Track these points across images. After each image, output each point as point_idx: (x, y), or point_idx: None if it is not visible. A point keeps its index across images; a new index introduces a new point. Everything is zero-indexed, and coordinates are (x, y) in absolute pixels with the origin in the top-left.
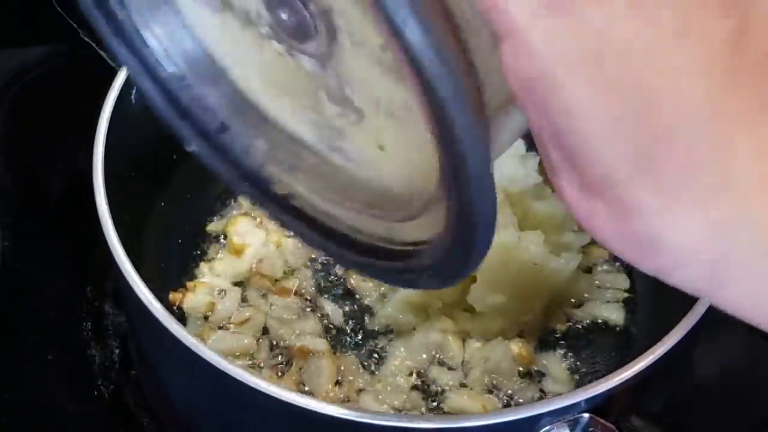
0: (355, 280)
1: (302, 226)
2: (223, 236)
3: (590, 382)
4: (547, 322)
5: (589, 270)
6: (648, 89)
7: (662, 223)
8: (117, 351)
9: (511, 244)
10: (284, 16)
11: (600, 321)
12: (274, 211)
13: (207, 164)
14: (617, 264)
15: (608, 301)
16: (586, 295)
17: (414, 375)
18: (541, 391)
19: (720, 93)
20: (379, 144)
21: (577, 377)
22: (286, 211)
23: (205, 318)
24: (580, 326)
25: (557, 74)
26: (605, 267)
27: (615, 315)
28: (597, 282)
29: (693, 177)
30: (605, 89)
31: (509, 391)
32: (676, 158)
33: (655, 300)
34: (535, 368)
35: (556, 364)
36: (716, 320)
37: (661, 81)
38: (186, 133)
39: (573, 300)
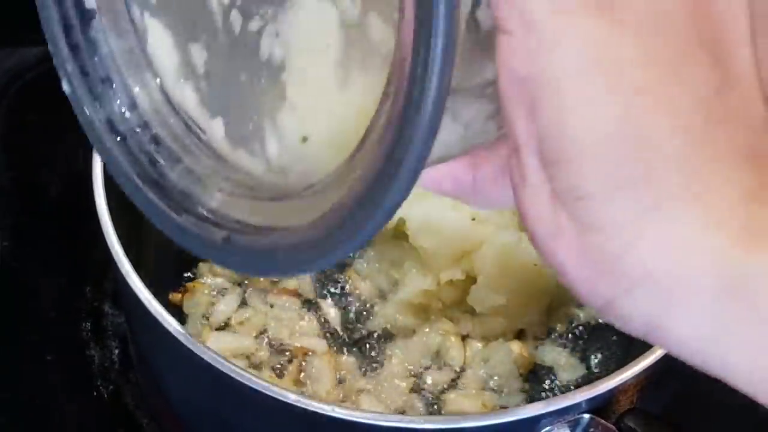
0: (354, 280)
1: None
2: None
3: (591, 382)
4: (548, 322)
5: None
6: (638, 116)
7: (626, 240)
8: (116, 351)
9: (512, 244)
10: None
11: (601, 321)
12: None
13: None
14: None
15: None
16: None
17: (414, 376)
18: (542, 391)
19: (700, 136)
20: (304, 135)
21: (578, 377)
22: (146, 179)
23: (205, 318)
24: (581, 327)
25: (560, 78)
26: None
27: None
28: None
29: (665, 204)
30: (601, 102)
31: (509, 392)
32: (652, 185)
33: None
34: (535, 369)
35: (560, 356)
36: None
37: (651, 114)
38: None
39: (574, 300)
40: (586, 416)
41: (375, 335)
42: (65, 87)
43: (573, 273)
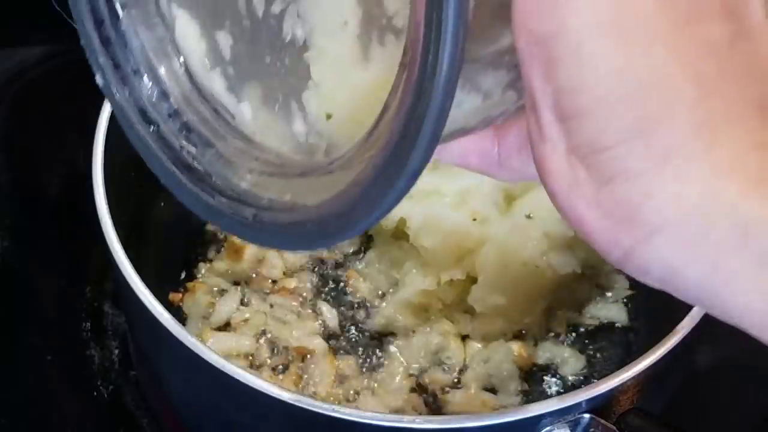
0: (354, 280)
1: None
2: (222, 236)
3: (591, 382)
4: (548, 323)
5: (590, 271)
6: (652, 66)
7: (644, 189)
8: (116, 351)
9: (512, 244)
10: None
11: (601, 322)
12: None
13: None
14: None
15: (610, 302)
16: (587, 296)
17: (414, 376)
18: (542, 391)
19: (712, 86)
20: (328, 112)
21: (578, 377)
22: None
23: (205, 318)
24: (581, 327)
25: (576, 32)
26: (607, 268)
27: (617, 316)
28: (598, 283)
29: (678, 152)
30: (616, 54)
31: (509, 392)
32: (666, 133)
33: (657, 301)
34: (535, 369)
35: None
36: (716, 321)
37: (665, 64)
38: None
39: (574, 301)
40: (586, 416)
41: (375, 335)
42: (99, 80)
43: (592, 225)
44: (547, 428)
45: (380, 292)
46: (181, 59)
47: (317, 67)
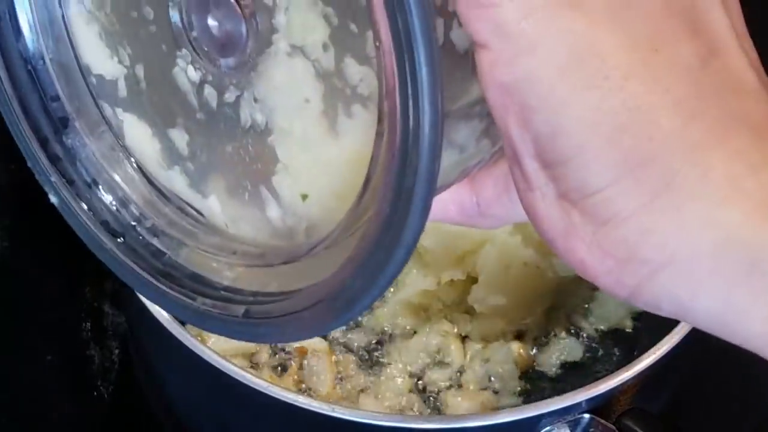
0: None
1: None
2: None
3: (591, 382)
4: (549, 323)
5: None
6: (630, 100)
7: (643, 226)
8: (116, 351)
9: (513, 244)
10: (214, 22)
11: (602, 322)
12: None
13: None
14: None
15: (610, 303)
16: (587, 296)
17: (414, 376)
18: (542, 392)
19: (694, 110)
20: (303, 193)
21: (578, 378)
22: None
23: None
24: (581, 328)
25: (544, 79)
26: None
27: (617, 316)
28: None
29: (674, 183)
30: (590, 95)
31: (509, 392)
32: (658, 166)
33: None
34: (535, 369)
35: (555, 365)
36: None
37: (643, 95)
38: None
39: (575, 301)
40: (586, 416)
41: (375, 335)
42: (53, 199)
43: (595, 268)
44: (547, 428)
45: None
46: (135, 163)
47: (284, 149)
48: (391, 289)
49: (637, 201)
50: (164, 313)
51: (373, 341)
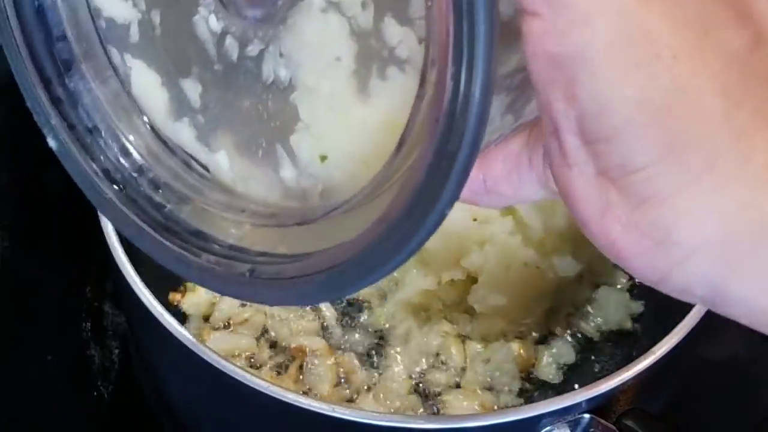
0: None
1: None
2: None
3: (591, 382)
4: (549, 324)
5: (591, 272)
6: (678, 80)
7: (682, 208)
8: (116, 351)
9: (513, 244)
10: None
11: (602, 323)
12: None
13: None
14: (620, 269)
15: (610, 303)
16: (588, 296)
17: (414, 376)
18: (542, 392)
19: (739, 94)
20: (322, 154)
21: (578, 378)
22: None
23: (205, 318)
24: (581, 328)
25: (596, 54)
26: (607, 269)
27: (617, 317)
28: (599, 283)
29: (716, 164)
30: (640, 73)
31: (509, 392)
32: (702, 147)
33: (658, 301)
34: (535, 369)
35: (555, 365)
36: (716, 321)
37: (691, 77)
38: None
39: (575, 302)
40: (586, 416)
41: (375, 335)
42: (51, 143)
43: (628, 250)
44: (547, 428)
45: (380, 292)
46: (140, 112)
47: (307, 107)
48: (391, 290)
49: (677, 181)
50: (164, 313)
51: (373, 341)
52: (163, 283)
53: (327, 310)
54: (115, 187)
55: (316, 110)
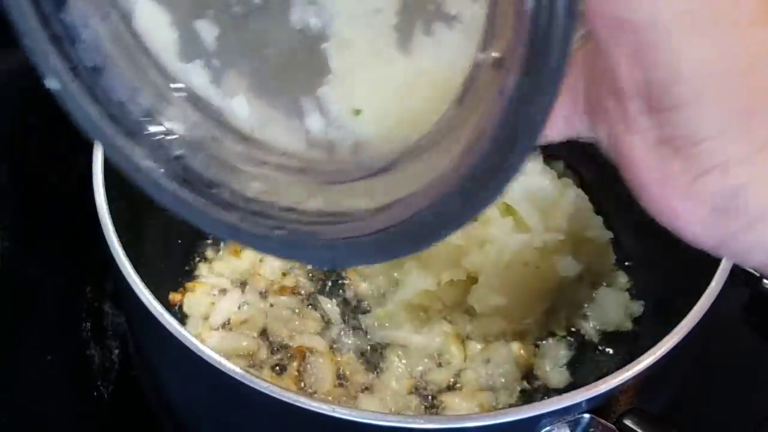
0: (354, 280)
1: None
2: None
3: (591, 382)
4: (549, 324)
5: (591, 272)
6: (750, 52)
7: (745, 176)
8: (116, 351)
9: (513, 245)
10: None
11: (602, 323)
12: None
13: (69, 107)
14: (620, 269)
15: (610, 303)
16: (588, 297)
17: (414, 376)
18: (542, 392)
19: None
20: (356, 108)
21: (578, 378)
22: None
23: (205, 318)
24: (581, 328)
25: (668, 20)
26: (607, 269)
27: (617, 317)
28: (599, 284)
29: None
30: (714, 40)
31: (509, 392)
32: (765, 117)
33: (658, 302)
34: (535, 369)
35: (555, 365)
36: (716, 321)
37: (760, 49)
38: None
39: (575, 302)
40: (586, 416)
41: (374, 335)
42: (51, 84)
43: (686, 217)
44: (547, 428)
45: (380, 292)
46: (148, 52)
47: (340, 59)
48: (391, 290)
49: (743, 151)
50: (164, 313)
51: (373, 341)
52: (163, 283)
53: (326, 307)
54: (123, 133)
55: (349, 63)
